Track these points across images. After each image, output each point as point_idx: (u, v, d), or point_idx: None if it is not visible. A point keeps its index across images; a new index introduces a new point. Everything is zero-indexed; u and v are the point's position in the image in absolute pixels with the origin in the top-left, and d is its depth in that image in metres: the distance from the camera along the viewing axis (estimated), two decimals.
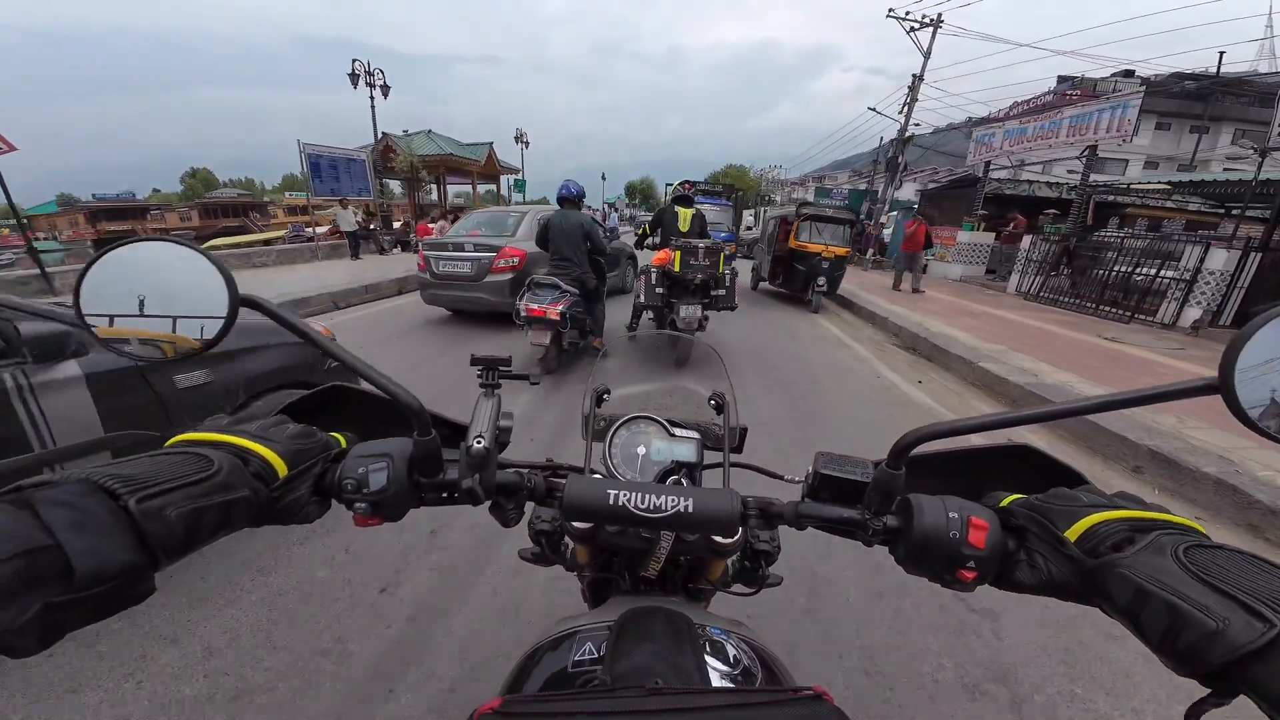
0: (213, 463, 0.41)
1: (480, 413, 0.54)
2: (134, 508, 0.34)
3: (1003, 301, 9.62)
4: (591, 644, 0.54)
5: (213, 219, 39.82)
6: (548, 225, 4.57)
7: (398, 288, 9.07)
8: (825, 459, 0.56)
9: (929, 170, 22.59)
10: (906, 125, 15.78)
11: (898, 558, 0.51)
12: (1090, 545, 0.40)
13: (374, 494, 0.49)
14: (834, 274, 8.31)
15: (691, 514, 0.48)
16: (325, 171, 11.15)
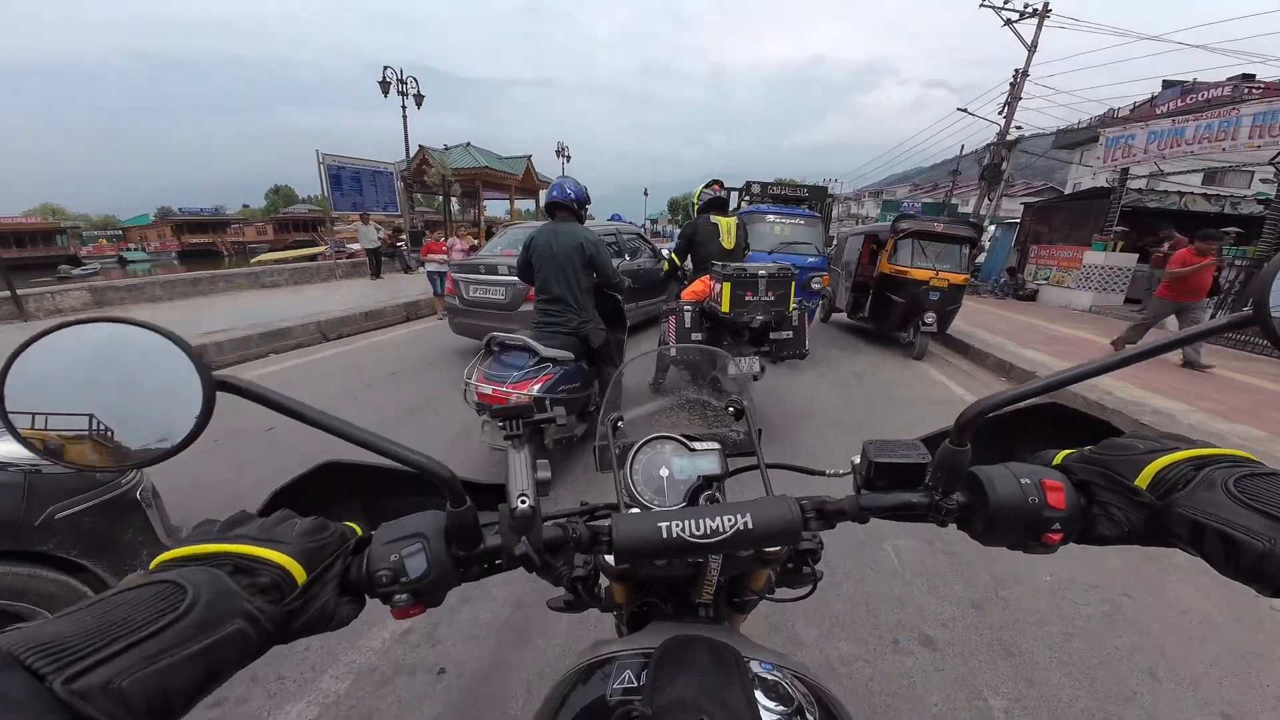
0: (185, 593, 0.32)
1: (515, 469, 0.51)
2: (60, 690, 0.26)
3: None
4: (630, 672, 0.50)
5: (286, 233, 42.02)
6: (529, 247, 2.85)
7: (405, 314, 7.85)
8: (876, 446, 0.53)
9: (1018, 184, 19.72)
10: (1008, 128, 13.35)
11: (973, 532, 0.49)
12: (1159, 491, 0.41)
13: (414, 581, 0.43)
14: (946, 308, 6.27)
15: (753, 529, 0.46)
16: (347, 184, 10.32)
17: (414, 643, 1.85)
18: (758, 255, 5.51)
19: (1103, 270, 10.57)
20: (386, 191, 11.31)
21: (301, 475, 0.57)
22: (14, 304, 6.28)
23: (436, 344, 6.23)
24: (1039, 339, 7.13)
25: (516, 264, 2.99)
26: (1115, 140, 10.66)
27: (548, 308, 2.83)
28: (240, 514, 0.44)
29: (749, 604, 0.67)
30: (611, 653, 0.54)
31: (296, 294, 8.89)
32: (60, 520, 1.42)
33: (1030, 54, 13.16)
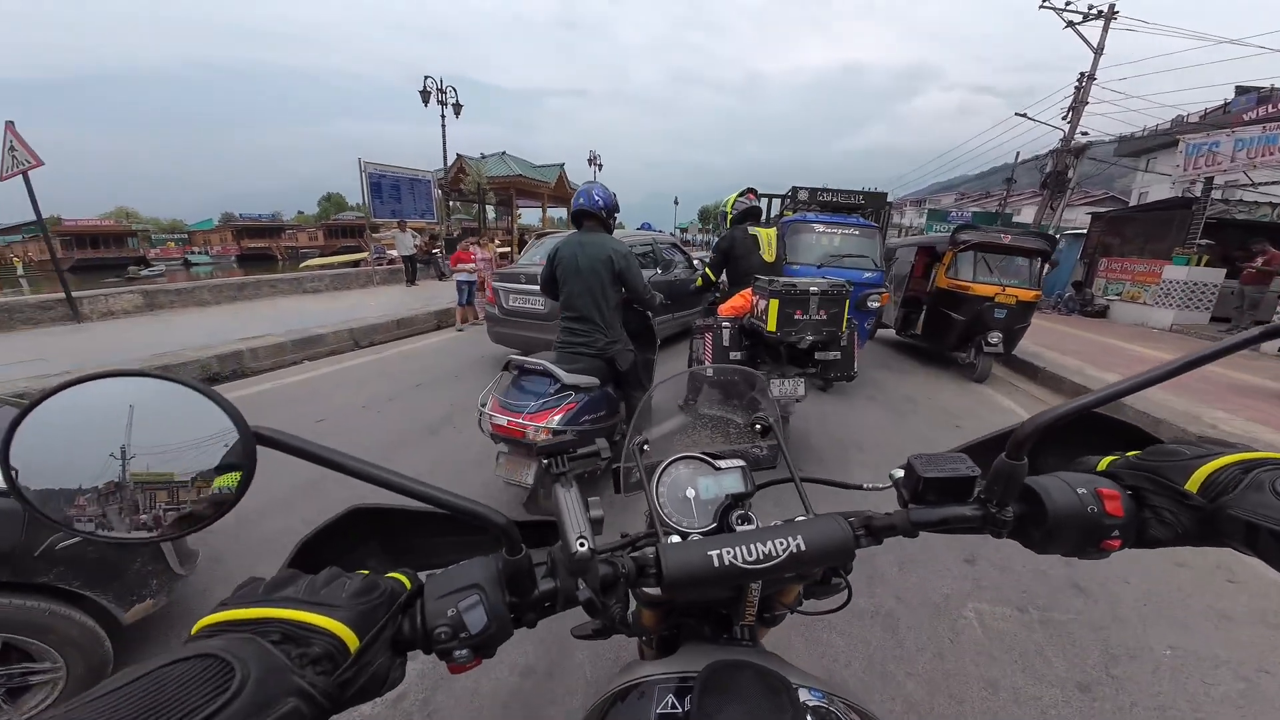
0: (234, 673, 0.29)
1: (567, 508, 0.49)
2: None
3: (1266, 366, 6.36)
4: (673, 697, 0.48)
5: (335, 238, 43.88)
6: (554, 260, 2.59)
7: (436, 322, 7.80)
8: (923, 461, 0.52)
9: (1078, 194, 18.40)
10: (1073, 133, 12.43)
11: (1027, 542, 0.49)
12: (1213, 493, 0.41)
13: (475, 636, 0.41)
14: (1014, 327, 5.69)
15: (806, 550, 0.45)
16: (387, 192, 10.47)
17: (407, 710, 1.61)
18: (805, 269, 5.05)
19: (1185, 286, 9.61)
20: (424, 199, 11.45)
21: (328, 523, 0.55)
22: (69, 306, 6.51)
23: (464, 354, 6.10)
24: (1119, 361, 6.43)
25: (540, 277, 2.71)
26: (1197, 148, 9.72)
27: (572, 326, 2.56)
28: (288, 573, 0.42)
29: (778, 619, 0.66)
30: (648, 676, 0.52)
31: (335, 300, 9.02)
32: (62, 550, 1.35)
33: (1096, 56, 12.23)
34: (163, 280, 24.76)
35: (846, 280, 4.25)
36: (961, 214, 21.86)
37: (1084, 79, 12.29)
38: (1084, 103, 12.29)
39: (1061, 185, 12.53)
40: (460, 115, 13.46)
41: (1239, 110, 13.56)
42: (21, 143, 5.80)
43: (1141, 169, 19.93)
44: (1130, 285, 10.87)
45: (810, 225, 5.65)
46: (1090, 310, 11.25)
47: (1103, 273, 11.71)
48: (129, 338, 5.67)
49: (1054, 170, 12.65)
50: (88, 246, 39.60)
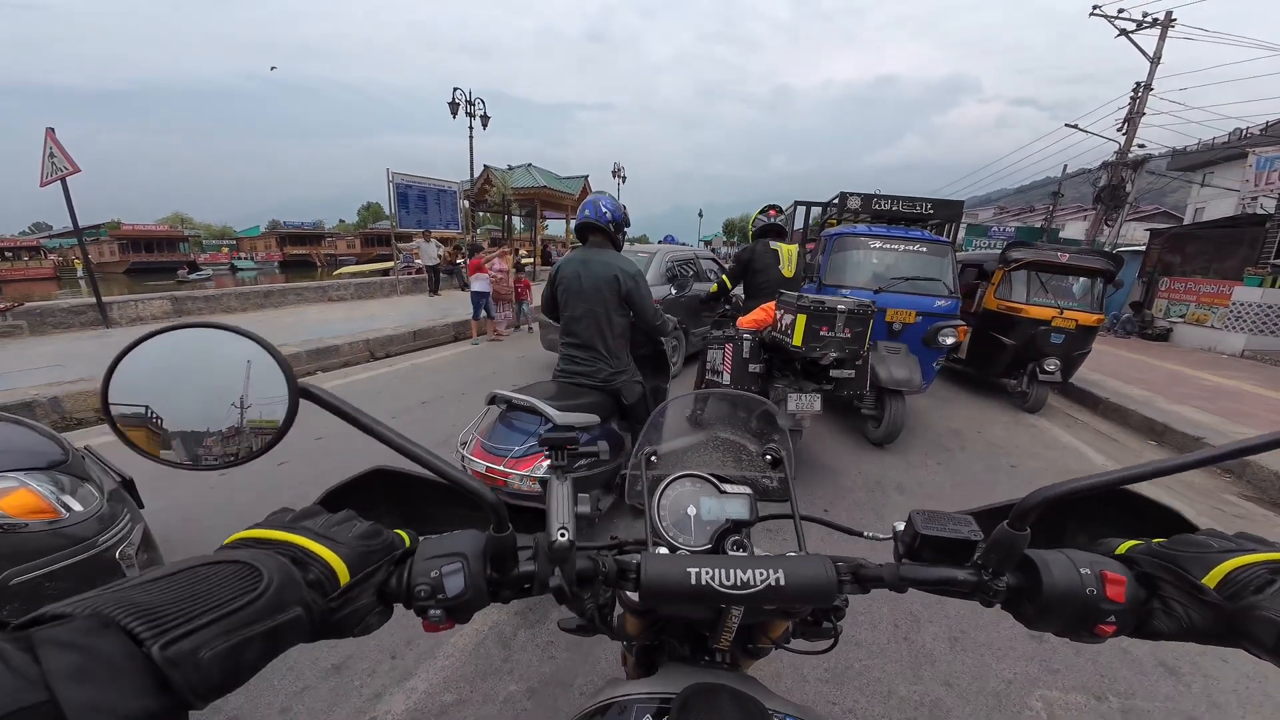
0: (261, 577, 0.35)
1: (556, 500, 0.51)
2: (158, 656, 0.29)
3: None
4: (650, 717, 0.50)
5: (371, 246, 45.28)
6: (555, 279, 2.39)
7: (454, 333, 7.69)
8: (924, 518, 0.51)
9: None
10: (1129, 145, 11.63)
11: (1021, 615, 0.48)
12: (1231, 591, 0.40)
13: (451, 599, 0.44)
14: (1073, 352, 5.15)
15: (784, 586, 0.45)
16: (413, 202, 10.54)
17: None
18: (858, 293, 4.08)
19: (1259, 309, 8.75)
20: (450, 210, 11.50)
21: (354, 477, 0.59)
22: (99, 311, 6.63)
23: (474, 370, 5.91)
24: (1190, 391, 5.77)
25: (542, 297, 2.50)
26: (1268, 162, 8.95)
27: (573, 354, 2.33)
28: (313, 507, 0.48)
29: (762, 651, 0.65)
30: (627, 695, 0.53)
31: (357, 309, 9.03)
32: (16, 586, 1.26)
33: (1153, 66, 11.46)
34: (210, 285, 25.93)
35: (914, 310, 4.08)
36: (1002, 229, 20.89)
37: (1140, 89, 11.51)
38: (1140, 114, 11.51)
39: (1118, 200, 11.69)
40: (488, 127, 13.57)
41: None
42: (60, 149, 5.95)
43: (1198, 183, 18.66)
44: (1195, 307, 10.01)
45: (863, 239, 4.50)
46: (1150, 333, 10.41)
47: (1164, 293, 10.85)
48: None
49: (1109, 184, 11.83)
50: (143, 250, 41.82)
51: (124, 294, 7.42)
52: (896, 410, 3.73)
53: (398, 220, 10.36)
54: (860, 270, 4.44)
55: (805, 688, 1.75)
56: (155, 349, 0.38)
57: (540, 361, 6.15)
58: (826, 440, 4.06)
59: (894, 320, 4.18)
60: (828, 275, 4.50)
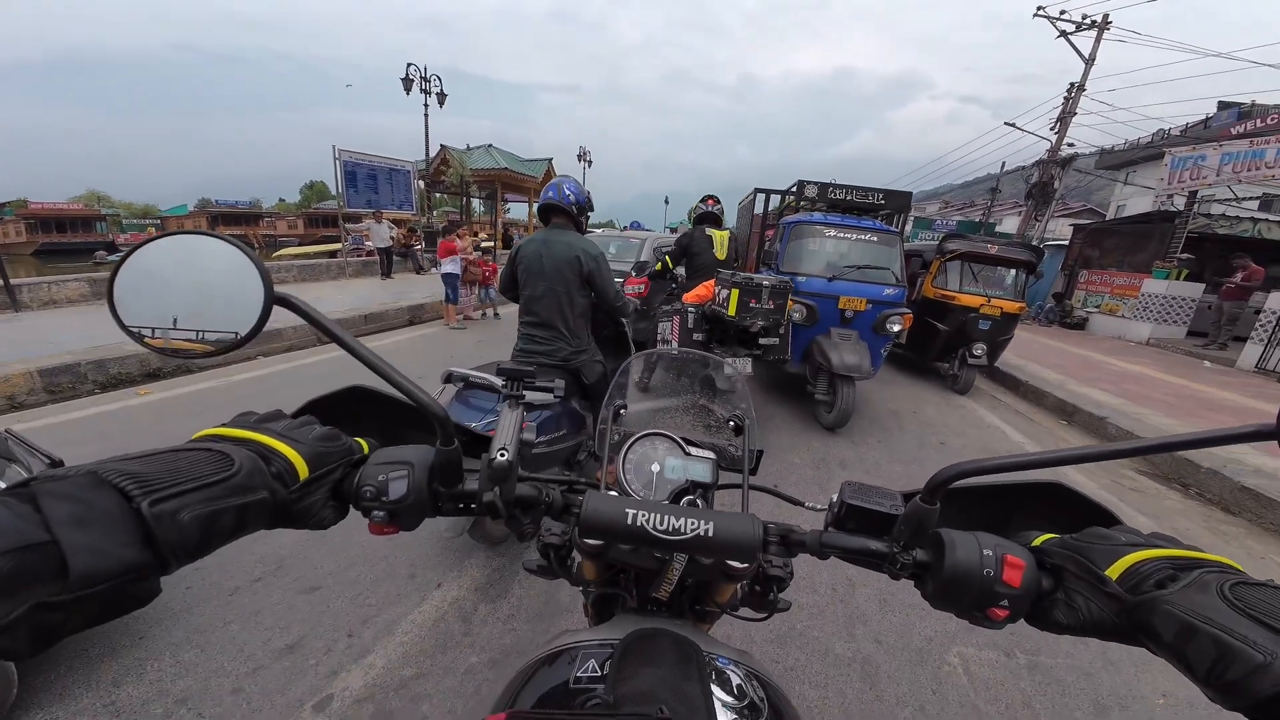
0: (233, 462, 0.40)
1: (504, 424, 0.54)
2: (146, 510, 0.33)
3: (1245, 383, 6.37)
4: (595, 661, 0.53)
5: (315, 228, 42.73)
6: (515, 259, 2.39)
7: (408, 317, 7.47)
8: (852, 489, 0.55)
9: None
10: (1060, 144, 12.49)
11: (924, 592, 0.50)
12: (1132, 584, 0.40)
13: (392, 503, 0.49)
14: (998, 338, 5.60)
15: (711, 538, 0.47)
16: (363, 181, 10.06)
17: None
18: (812, 283, 4.26)
19: (1164, 300, 9.69)
20: (403, 190, 11.05)
21: (333, 392, 0.62)
22: (7, 294, 6.06)
23: (433, 354, 5.81)
24: (1101, 376, 6.38)
25: (500, 278, 2.52)
26: (1182, 161, 9.82)
27: (532, 333, 2.35)
28: (275, 411, 0.51)
29: (710, 614, 0.68)
30: (577, 642, 0.56)
31: (302, 292, 8.55)
32: None
33: (1087, 67, 12.31)
34: (103, 270, 23.66)
35: (865, 298, 4.20)
36: (946, 222, 22.00)
37: (1073, 89, 12.34)
38: (1072, 113, 12.36)
39: (1046, 196, 12.58)
40: (444, 105, 13.04)
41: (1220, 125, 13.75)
42: None
43: (1121, 181, 20.25)
44: (1109, 298, 10.96)
45: (819, 227, 4.60)
46: (1069, 322, 11.33)
47: (1083, 285, 11.81)
48: (65, 329, 5.26)
49: (1039, 181, 12.70)
50: (54, 230, 38.04)
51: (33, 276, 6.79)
52: (847, 395, 3.91)
53: (345, 200, 9.86)
54: (815, 258, 4.53)
55: (752, 649, 1.91)
56: (150, 255, 0.42)
57: (499, 347, 6.10)
58: (780, 423, 4.28)
59: (846, 308, 4.24)
60: (785, 262, 4.52)
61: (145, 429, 3.47)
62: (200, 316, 0.42)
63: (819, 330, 4.26)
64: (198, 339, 0.42)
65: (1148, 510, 3.26)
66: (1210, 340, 9.08)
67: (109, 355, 4.40)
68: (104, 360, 4.33)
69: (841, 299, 4.23)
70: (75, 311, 6.27)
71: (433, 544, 2.34)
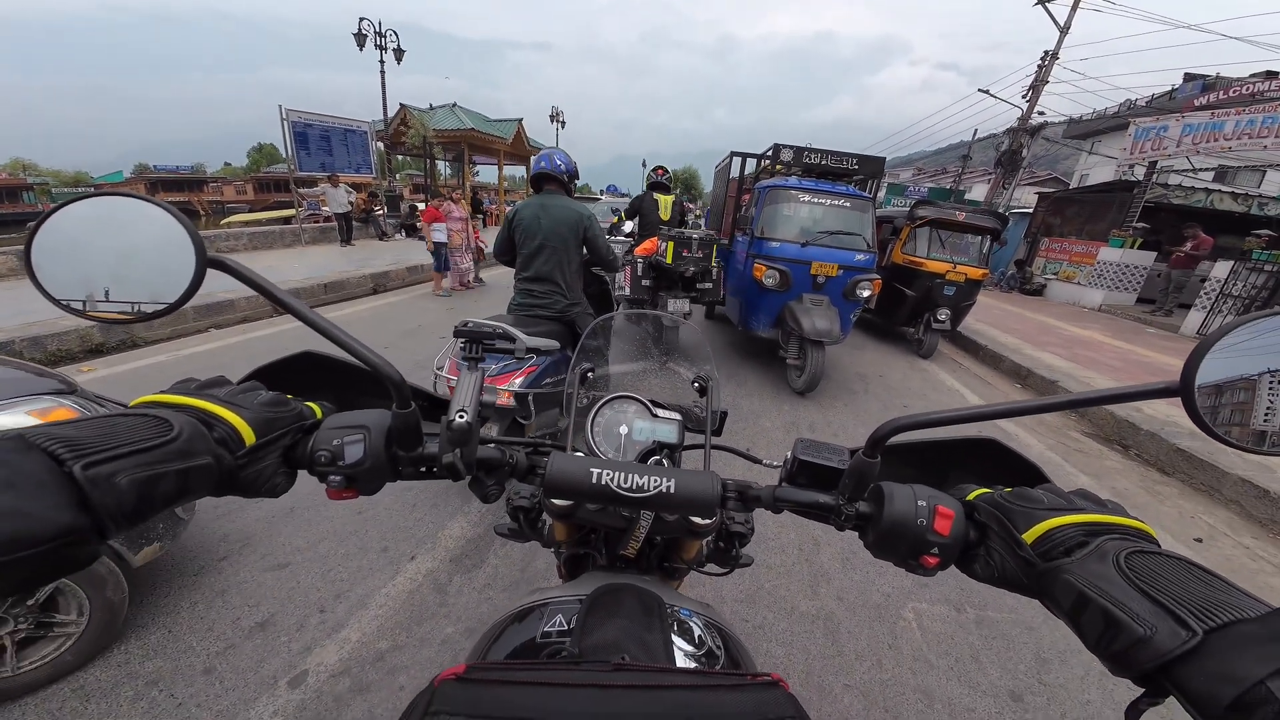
0: (172, 426, 0.38)
1: (463, 386, 0.54)
2: (80, 474, 0.32)
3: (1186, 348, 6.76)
4: (562, 616, 0.55)
5: (267, 193, 40.21)
6: (513, 222, 2.59)
7: (371, 285, 7.21)
8: (804, 445, 0.57)
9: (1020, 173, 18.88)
10: (1031, 112, 12.61)
11: (866, 542, 0.51)
12: (1045, 548, 0.41)
13: (349, 467, 0.48)
14: (961, 304, 5.76)
15: (673, 495, 0.49)
16: (315, 143, 9.43)
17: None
18: (786, 248, 4.28)
19: (1117, 268, 10.10)
20: (360, 152, 10.41)
21: (282, 359, 0.60)
22: None
23: (398, 323, 5.64)
24: (1054, 341, 6.67)
25: (496, 240, 2.70)
26: (1145, 131, 10.04)
27: (530, 288, 2.56)
28: (218, 378, 0.50)
29: (679, 571, 0.71)
30: (546, 598, 0.58)
31: (253, 260, 8.15)
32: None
33: (1062, 35, 12.31)
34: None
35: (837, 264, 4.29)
36: (919, 189, 22.20)
37: (1047, 57, 12.38)
38: (1045, 81, 12.43)
39: (1015, 164, 12.79)
40: (402, 62, 12.22)
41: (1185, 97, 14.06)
42: None
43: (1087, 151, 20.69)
44: (1067, 265, 11.36)
45: (793, 193, 4.53)
46: (1029, 288, 11.73)
47: (1043, 252, 12.18)
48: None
49: (1009, 149, 12.87)
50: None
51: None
52: (817, 360, 4.03)
53: (297, 163, 9.25)
54: (790, 223, 4.49)
55: (723, 609, 1.98)
56: (69, 218, 0.39)
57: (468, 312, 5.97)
58: (752, 388, 4.35)
59: (818, 274, 4.25)
60: (760, 227, 4.46)
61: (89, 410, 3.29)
62: (130, 282, 0.41)
63: (791, 295, 4.31)
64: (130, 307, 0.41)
65: (1089, 470, 3.47)
66: (1158, 307, 9.56)
67: (45, 331, 4.11)
68: (40, 337, 4.05)
69: (814, 265, 4.25)
70: (4, 287, 5.82)
71: (405, 516, 2.33)
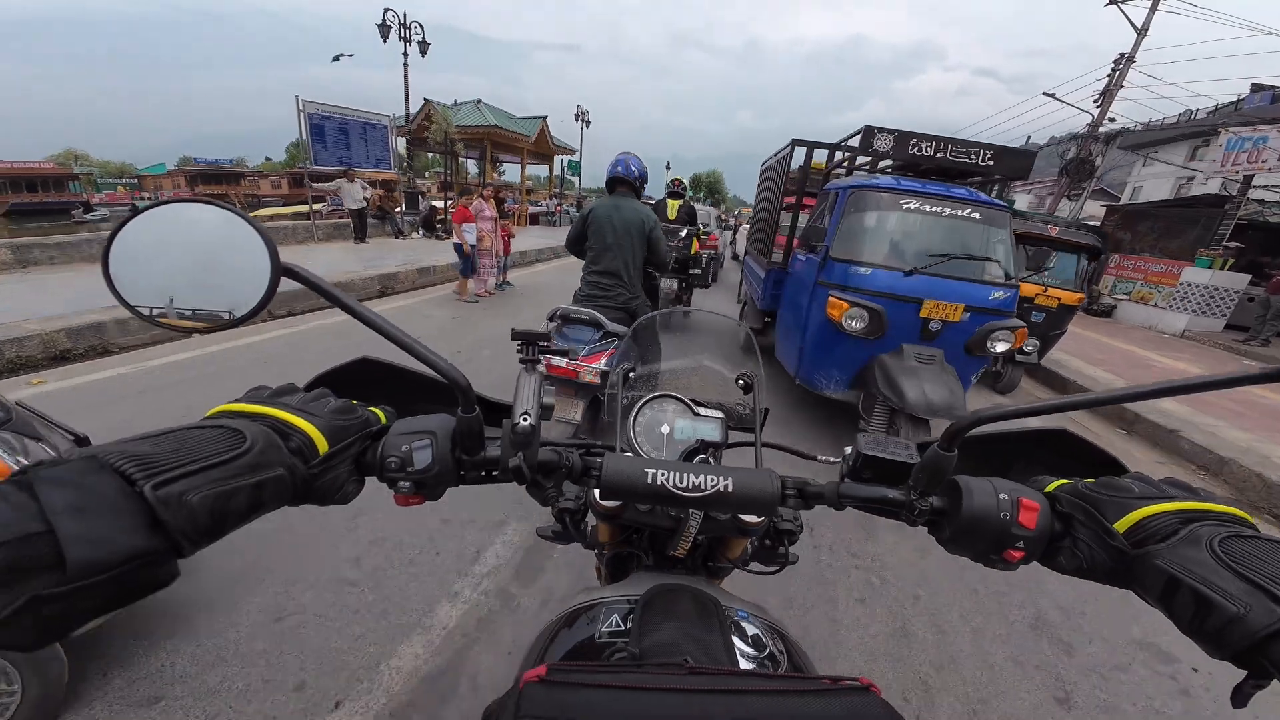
0: (245, 438, 0.38)
1: (523, 389, 0.52)
2: (150, 494, 0.31)
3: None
4: (617, 616, 0.55)
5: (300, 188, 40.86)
6: (588, 219, 2.86)
7: (379, 287, 6.69)
8: (869, 440, 0.54)
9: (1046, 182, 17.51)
10: (1102, 118, 11.51)
11: (940, 537, 0.50)
12: (1139, 537, 0.40)
13: (418, 473, 0.48)
14: (1050, 332, 4.89)
15: (731, 494, 0.49)
16: (332, 136, 9.03)
17: None
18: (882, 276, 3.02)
19: (1205, 290, 8.98)
20: (379, 147, 9.98)
21: (341, 365, 0.60)
22: None
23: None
24: (1150, 376, 5.70)
25: (569, 235, 2.97)
26: (1240, 142, 8.91)
27: (599, 280, 2.80)
28: (288, 385, 0.49)
29: (723, 570, 0.70)
30: (598, 598, 0.58)
31: None
32: None
33: (1139, 38, 11.22)
34: (107, 226, 22.63)
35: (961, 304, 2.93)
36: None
37: (1123, 60, 11.29)
38: (1119, 86, 11.34)
39: (1085, 173, 11.67)
40: (427, 55, 11.86)
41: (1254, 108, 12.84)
42: None
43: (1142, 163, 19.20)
44: (1142, 285, 10.25)
45: (892, 197, 3.18)
46: (1096, 309, 10.64)
47: (1113, 270, 11.06)
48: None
49: (1076, 157, 11.76)
50: (24, 190, 36.32)
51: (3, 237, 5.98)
52: (910, 436, 2.81)
53: (313, 157, 8.84)
54: (887, 241, 3.17)
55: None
56: (146, 224, 0.39)
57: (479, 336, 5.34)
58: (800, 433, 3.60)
59: (932, 316, 2.90)
60: (838, 244, 3.16)
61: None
62: (204, 289, 0.40)
63: (886, 346, 3.01)
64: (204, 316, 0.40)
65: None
66: (1252, 335, 8.42)
67: (4, 336, 3.62)
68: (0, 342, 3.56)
69: (926, 303, 2.90)
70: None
71: (337, 636, 1.66)
